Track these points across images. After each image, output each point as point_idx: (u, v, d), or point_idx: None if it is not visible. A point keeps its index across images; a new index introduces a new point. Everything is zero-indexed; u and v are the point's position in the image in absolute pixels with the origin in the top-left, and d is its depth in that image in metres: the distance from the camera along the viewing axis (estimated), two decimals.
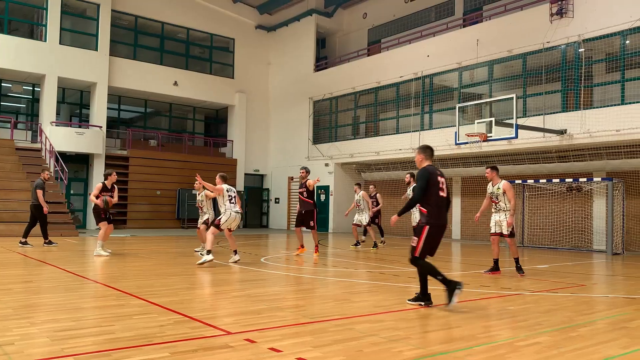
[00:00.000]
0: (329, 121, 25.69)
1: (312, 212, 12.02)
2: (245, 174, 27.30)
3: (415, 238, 6.10)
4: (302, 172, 12.34)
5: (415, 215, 10.90)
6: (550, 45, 16.67)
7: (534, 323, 5.53)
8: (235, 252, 10.52)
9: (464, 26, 20.70)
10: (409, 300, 6.35)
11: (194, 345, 4.31)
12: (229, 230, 10.33)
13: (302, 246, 12.55)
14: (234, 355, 4.07)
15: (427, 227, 6.03)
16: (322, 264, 11.23)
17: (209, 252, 9.85)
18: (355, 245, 14.72)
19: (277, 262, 11.16)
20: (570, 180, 16.42)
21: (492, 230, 9.77)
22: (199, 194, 12.39)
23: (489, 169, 9.85)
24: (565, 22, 16.38)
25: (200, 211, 12.41)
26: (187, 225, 24.58)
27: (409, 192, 12.36)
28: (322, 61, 27.48)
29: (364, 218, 14.43)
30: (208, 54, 27.52)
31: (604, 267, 12.04)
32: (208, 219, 12.10)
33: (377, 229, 15.73)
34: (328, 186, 24.41)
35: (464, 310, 6.17)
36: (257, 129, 28.25)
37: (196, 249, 12.60)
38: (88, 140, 22.35)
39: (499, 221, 9.66)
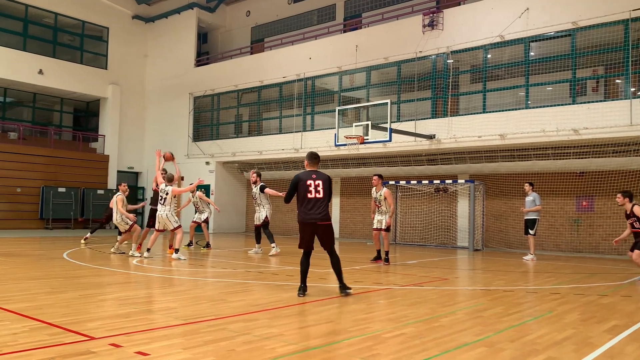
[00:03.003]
0: (210, 118, 25.14)
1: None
2: (118, 171, 25.81)
3: None
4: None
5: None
6: (423, 54, 17.74)
7: (400, 315, 5.84)
8: (177, 250, 11.39)
9: (345, 31, 21.35)
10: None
11: (52, 353, 3.99)
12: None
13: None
14: None
15: (299, 225, 6.95)
16: (199, 264, 10.96)
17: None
18: (189, 245, 14.50)
19: (151, 264, 10.71)
20: (438, 181, 17.62)
21: (374, 227, 11.47)
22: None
23: (376, 177, 11.36)
24: (436, 34, 17.52)
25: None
26: (52, 225, 22.77)
27: (255, 190, 13.17)
28: (204, 56, 26.86)
29: (203, 216, 14.45)
30: (79, 42, 25.65)
31: (466, 262, 13.06)
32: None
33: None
34: (209, 185, 23.89)
35: (337, 305, 6.35)
36: (132, 124, 26.85)
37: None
38: None
39: (380, 220, 11.36)
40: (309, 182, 6.88)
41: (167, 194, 11.26)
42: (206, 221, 14.48)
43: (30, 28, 23.99)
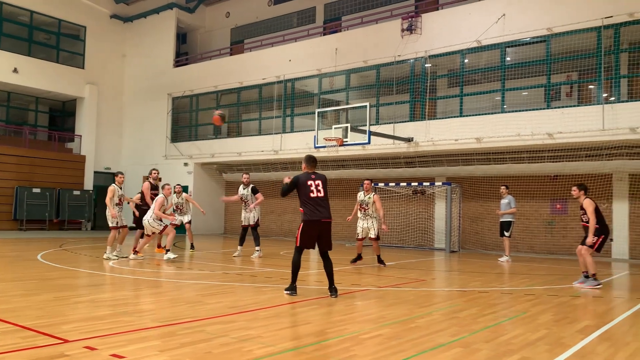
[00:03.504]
0: (189, 119, 24.96)
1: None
2: (95, 172, 25.45)
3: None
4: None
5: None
6: (401, 58, 17.88)
7: (378, 317, 5.89)
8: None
9: (324, 34, 21.41)
10: (284, 289, 7.24)
11: (24, 357, 3.94)
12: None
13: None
14: None
15: (302, 224, 7.09)
16: (177, 266, 10.88)
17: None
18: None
19: (128, 265, 10.60)
20: (416, 184, 17.78)
21: (360, 236, 11.51)
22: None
23: (368, 181, 11.52)
24: (415, 38, 17.68)
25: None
26: (26, 227, 22.35)
27: (245, 191, 13.02)
28: (183, 57, 26.66)
29: (186, 218, 14.37)
30: (55, 40, 25.24)
31: (443, 264, 13.20)
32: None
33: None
34: (187, 187, 23.71)
35: (316, 306, 6.38)
36: (109, 124, 26.48)
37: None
38: None
39: (366, 228, 11.36)
40: (309, 182, 7.16)
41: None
42: (190, 222, 14.40)
43: (5, 26, 23.53)
